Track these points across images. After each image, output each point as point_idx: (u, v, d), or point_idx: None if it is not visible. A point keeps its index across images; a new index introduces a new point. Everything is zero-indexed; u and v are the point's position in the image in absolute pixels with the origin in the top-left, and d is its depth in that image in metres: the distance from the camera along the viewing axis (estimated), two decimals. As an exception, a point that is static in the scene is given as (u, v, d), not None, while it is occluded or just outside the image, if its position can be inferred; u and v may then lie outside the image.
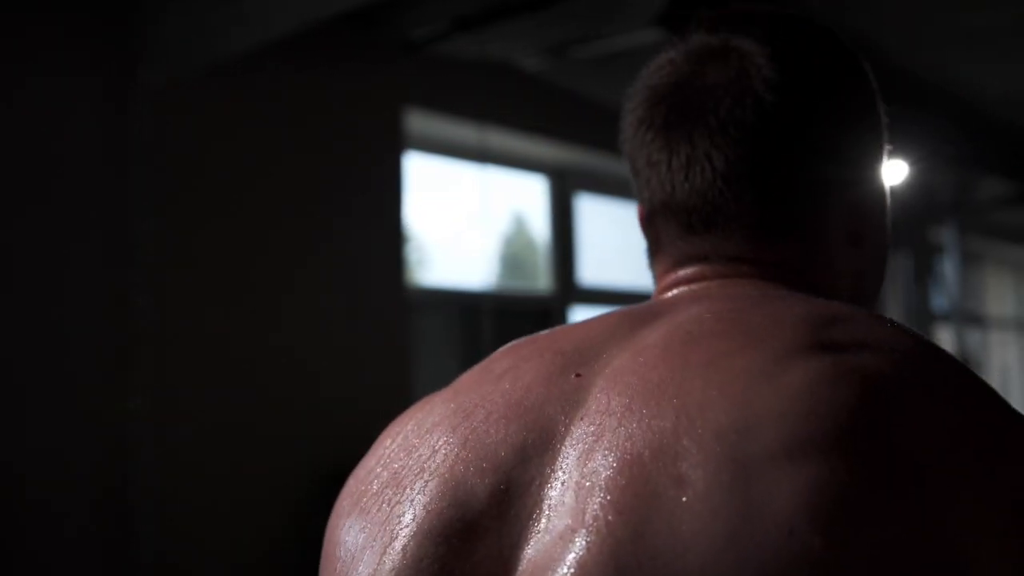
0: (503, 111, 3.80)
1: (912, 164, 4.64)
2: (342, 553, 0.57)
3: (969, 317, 7.34)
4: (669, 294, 0.68)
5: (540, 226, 4.53)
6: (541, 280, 4.54)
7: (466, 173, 4.06)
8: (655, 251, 0.71)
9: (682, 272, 0.68)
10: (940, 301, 6.83)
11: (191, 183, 2.85)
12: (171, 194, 2.78)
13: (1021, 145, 5.21)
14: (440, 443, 0.57)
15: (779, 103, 0.65)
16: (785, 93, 0.65)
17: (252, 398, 2.92)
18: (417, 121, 3.59)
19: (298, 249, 3.10)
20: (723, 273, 0.66)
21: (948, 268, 6.63)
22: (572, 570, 0.46)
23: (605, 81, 3.63)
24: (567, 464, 0.51)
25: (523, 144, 4.11)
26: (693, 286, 0.67)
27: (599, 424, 0.51)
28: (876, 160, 0.71)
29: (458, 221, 4.18)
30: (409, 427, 0.62)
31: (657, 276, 0.71)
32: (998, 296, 8.65)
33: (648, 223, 0.71)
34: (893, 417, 0.47)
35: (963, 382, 0.52)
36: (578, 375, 0.56)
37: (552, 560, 0.47)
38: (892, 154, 0.73)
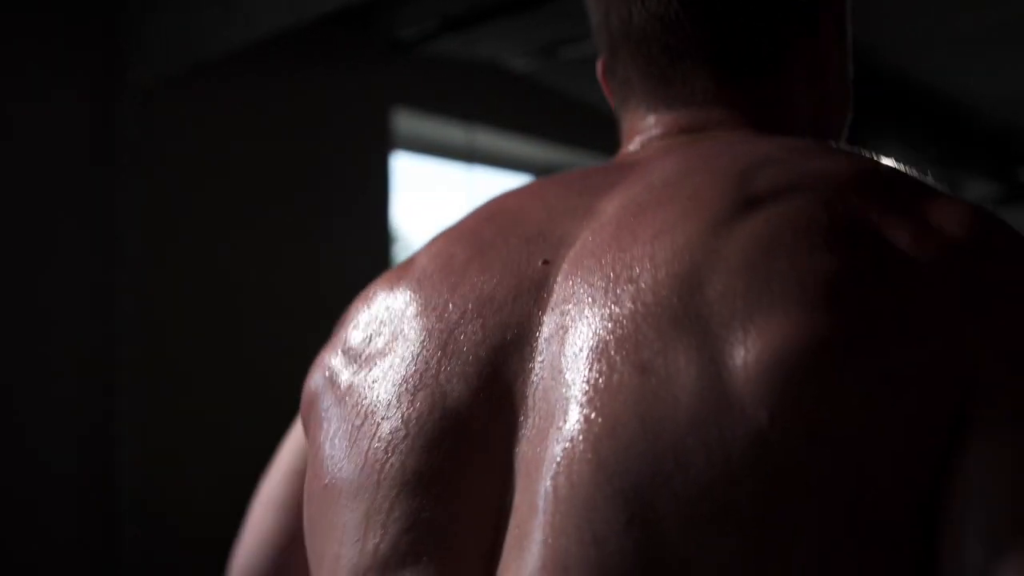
0: (491, 111, 3.79)
1: (898, 164, 4.66)
2: (332, 468, 0.55)
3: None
4: (632, 150, 0.67)
5: (528, 226, 4.53)
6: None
7: (454, 173, 4.06)
8: (621, 100, 0.70)
9: (646, 132, 0.67)
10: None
11: (178, 181, 2.83)
12: (159, 192, 2.77)
13: (1007, 147, 5.23)
14: (419, 351, 0.55)
15: None
16: None
17: (238, 398, 2.91)
18: (405, 121, 3.58)
19: (285, 248, 3.09)
20: (685, 126, 0.65)
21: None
22: (561, 467, 0.46)
23: (594, 82, 3.62)
24: (543, 359, 0.51)
25: (511, 144, 4.10)
26: (655, 145, 0.66)
27: (564, 314, 0.51)
28: None
29: (446, 221, 4.18)
30: (377, 321, 0.59)
31: (625, 132, 0.70)
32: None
33: (610, 73, 0.71)
34: (832, 273, 0.46)
35: (933, 205, 0.50)
36: (545, 262, 0.55)
37: (540, 460, 0.47)
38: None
